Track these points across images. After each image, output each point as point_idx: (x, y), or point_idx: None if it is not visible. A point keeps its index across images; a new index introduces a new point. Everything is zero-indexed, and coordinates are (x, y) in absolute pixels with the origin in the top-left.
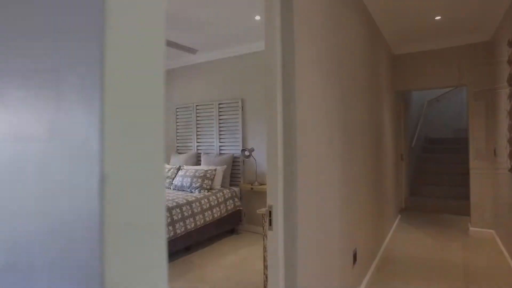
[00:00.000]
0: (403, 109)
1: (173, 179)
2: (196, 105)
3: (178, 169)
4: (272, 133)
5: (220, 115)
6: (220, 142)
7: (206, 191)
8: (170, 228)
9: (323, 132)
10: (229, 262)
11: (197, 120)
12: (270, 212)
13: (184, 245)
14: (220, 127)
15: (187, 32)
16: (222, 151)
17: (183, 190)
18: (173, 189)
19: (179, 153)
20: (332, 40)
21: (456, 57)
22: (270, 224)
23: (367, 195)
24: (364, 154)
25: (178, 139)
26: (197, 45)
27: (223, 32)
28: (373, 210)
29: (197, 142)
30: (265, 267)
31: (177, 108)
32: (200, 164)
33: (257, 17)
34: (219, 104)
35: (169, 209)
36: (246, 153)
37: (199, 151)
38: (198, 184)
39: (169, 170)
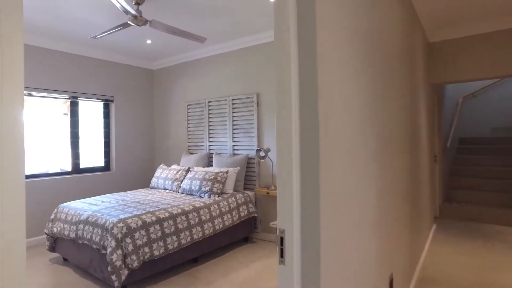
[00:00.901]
0: (437, 105)
1: (182, 182)
2: (209, 101)
3: (187, 170)
4: (284, 132)
5: (234, 112)
6: (234, 142)
7: (216, 196)
8: (174, 238)
9: (354, 130)
10: (240, 278)
11: (209, 118)
12: (281, 239)
13: (191, 256)
14: (233, 125)
15: (196, 20)
16: (236, 152)
17: (192, 194)
18: (181, 193)
19: (191, 153)
20: (363, 21)
21: None
22: (282, 255)
23: (403, 205)
24: (400, 157)
25: (189, 138)
26: (208, 35)
27: (235, 19)
28: (409, 222)
29: (209, 142)
30: None
31: (188, 105)
32: (212, 166)
33: None
34: (233, 99)
35: (173, 217)
36: (262, 153)
37: (211, 151)
38: (207, 188)
39: (177, 171)
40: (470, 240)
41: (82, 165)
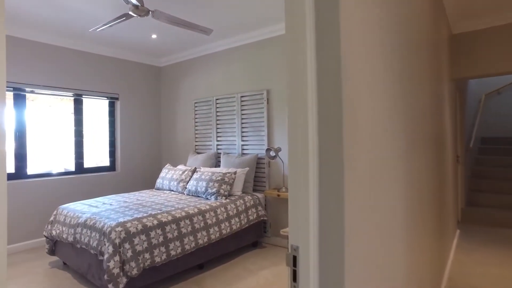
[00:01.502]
0: (460, 102)
1: (187, 183)
2: (216, 99)
3: (193, 171)
4: (297, 126)
5: (243, 109)
6: (243, 141)
7: (223, 198)
8: (177, 243)
9: (381, 126)
10: (248, 286)
11: (217, 116)
12: (294, 259)
13: (195, 263)
14: (242, 123)
15: (203, 12)
16: (245, 151)
17: (198, 196)
18: (187, 194)
19: (198, 153)
20: (392, 7)
21: None
22: (295, 279)
23: (429, 210)
24: (426, 158)
25: (196, 137)
26: (215, 30)
27: (244, 11)
28: (435, 229)
29: (217, 141)
30: None
31: (196, 103)
32: (220, 166)
33: None
34: (242, 96)
35: (176, 221)
36: (272, 153)
37: (219, 151)
38: (214, 190)
39: (183, 172)
40: (497, 248)
41: (87, 164)
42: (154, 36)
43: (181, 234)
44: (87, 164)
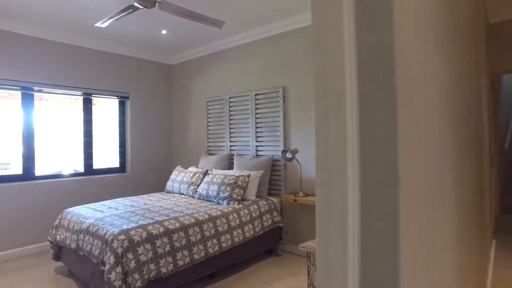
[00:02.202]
0: (494, 99)
1: (198, 186)
2: (229, 97)
3: (205, 173)
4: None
5: (257, 108)
6: (257, 142)
7: (236, 202)
8: (185, 252)
9: (435, 131)
10: None
11: (230, 115)
12: None
13: (205, 273)
14: (257, 122)
15: (215, 4)
16: (259, 153)
17: (209, 201)
18: (198, 198)
19: (210, 154)
20: None
21: None
22: None
23: (474, 224)
24: (469, 164)
25: (209, 138)
26: (228, 24)
27: (258, 2)
28: (477, 242)
29: (230, 142)
30: None
31: (208, 102)
32: (233, 168)
33: None
34: (256, 94)
35: (185, 228)
36: (288, 155)
37: (232, 152)
38: (226, 194)
39: (194, 174)
40: None
41: (96, 166)
42: (164, 31)
43: (189, 242)
44: (96, 165)
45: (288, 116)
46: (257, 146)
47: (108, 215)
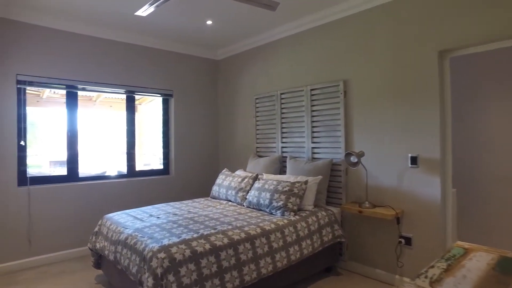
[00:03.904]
0: None
1: (247, 192)
2: (281, 93)
3: (255, 178)
4: None
5: (313, 105)
6: (313, 143)
7: (292, 213)
8: (235, 273)
9: None
10: None
11: (282, 113)
12: None
13: None
14: (313, 121)
15: None
16: (316, 155)
17: (260, 210)
18: (247, 207)
19: (260, 156)
20: None
21: None
22: None
23: None
24: None
25: (258, 138)
26: (280, 10)
27: None
28: None
29: (282, 143)
30: None
31: (257, 98)
32: (285, 173)
33: None
34: (312, 89)
35: (234, 245)
36: (353, 159)
37: (284, 155)
38: (281, 203)
39: (242, 179)
40: None
41: (139, 167)
42: (209, 22)
43: (239, 261)
44: (139, 166)
45: (350, 113)
46: (313, 148)
47: (148, 225)
